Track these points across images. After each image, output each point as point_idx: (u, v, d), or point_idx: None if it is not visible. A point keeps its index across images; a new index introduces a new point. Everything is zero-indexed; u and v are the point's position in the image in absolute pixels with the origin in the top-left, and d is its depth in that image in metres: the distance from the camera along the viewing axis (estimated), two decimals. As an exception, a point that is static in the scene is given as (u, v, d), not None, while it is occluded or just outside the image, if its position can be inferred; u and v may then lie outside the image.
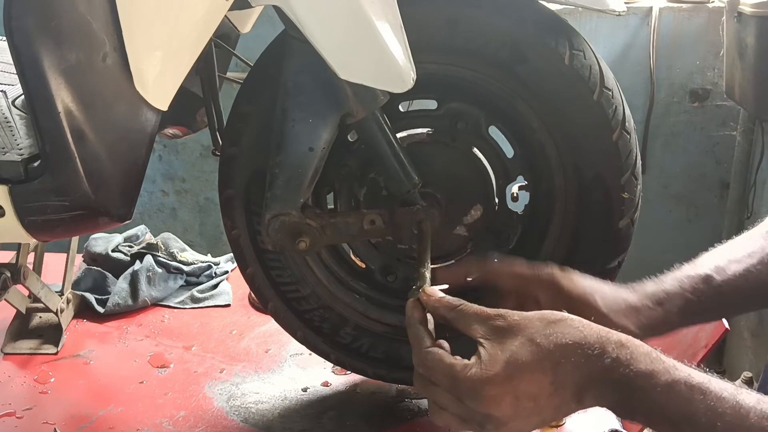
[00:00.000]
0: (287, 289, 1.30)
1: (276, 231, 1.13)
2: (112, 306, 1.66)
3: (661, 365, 0.86)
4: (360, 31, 0.97)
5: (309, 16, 0.97)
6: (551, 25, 1.13)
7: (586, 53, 1.14)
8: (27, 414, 1.35)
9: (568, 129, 1.16)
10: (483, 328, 0.89)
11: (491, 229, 1.26)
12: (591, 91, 1.13)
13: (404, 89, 1.02)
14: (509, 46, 1.12)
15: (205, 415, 1.34)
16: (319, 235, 1.15)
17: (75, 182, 0.97)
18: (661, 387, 0.86)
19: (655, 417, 0.88)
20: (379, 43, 0.98)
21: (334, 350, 1.34)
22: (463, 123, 1.19)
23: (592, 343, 0.87)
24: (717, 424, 0.84)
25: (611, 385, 0.87)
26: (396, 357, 1.32)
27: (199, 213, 3.44)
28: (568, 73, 1.13)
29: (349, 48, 0.98)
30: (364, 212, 1.17)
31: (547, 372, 0.86)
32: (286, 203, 1.12)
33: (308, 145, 1.09)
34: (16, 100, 1.14)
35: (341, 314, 1.31)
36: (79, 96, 0.94)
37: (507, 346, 0.87)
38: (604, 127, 1.15)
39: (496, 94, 1.17)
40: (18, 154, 1.01)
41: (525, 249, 1.27)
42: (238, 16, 1.22)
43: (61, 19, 0.91)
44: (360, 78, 1.01)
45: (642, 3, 2.95)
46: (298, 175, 1.11)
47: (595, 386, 0.87)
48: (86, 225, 1.03)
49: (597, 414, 1.33)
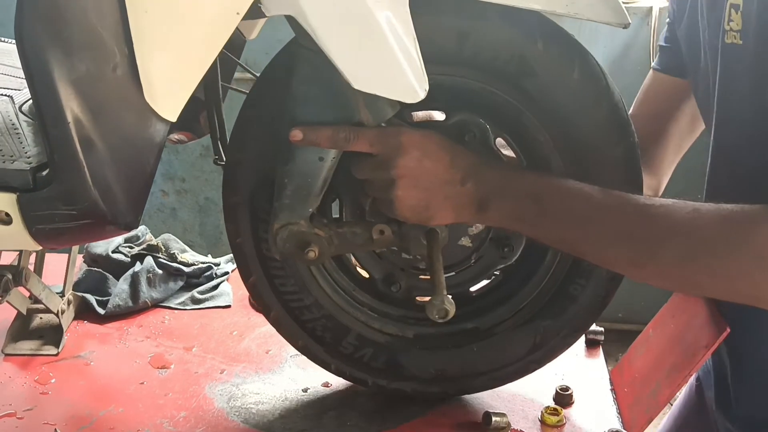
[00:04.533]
0: (290, 298, 1.29)
1: (284, 240, 1.13)
2: (112, 307, 1.66)
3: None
4: (374, 41, 0.98)
5: (324, 26, 0.96)
6: (559, 40, 1.13)
7: (593, 68, 1.13)
8: (27, 414, 1.35)
9: (574, 143, 1.16)
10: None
11: (496, 240, 1.26)
12: (598, 106, 1.13)
13: (417, 100, 1.02)
14: (517, 60, 1.11)
15: (205, 416, 1.35)
16: (328, 245, 1.15)
17: (83, 191, 0.97)
18: (566, 190, 1.06)
19: (560, 222, 1.05)
20: (393, 54, 0.98)
21: (335, 360, 1.34)
22: (471, 134, 1.19)
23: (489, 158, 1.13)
24: (622, 223, 1.02)
25: (511, 193, 1.07)
26: (396, 366, 1.32)
27: (199, 213, 3.43)
28: (575, 88, 1.12)
29: (364, 58, 0.98)
30: (372, 222, 1.17)
31: (448, 152, 1.07)
32: (294, 213, 1.12)
33: (318, 154, 1.10)
34: (23, 106, 1.14)
35: (344, 324, 1.31)
36: (88, 106, 0.94)
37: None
38: (611, 142, 1.15)
39: (504, 107, 1.17)
40: (26, 162, 1.01)
41: (529, 260, 1.27)
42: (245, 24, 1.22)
43: (72, 30, 0.91)
44: (374, 88, 1.01)
45: (642, 3, 2.95)
46: (308, 184, 1.11)
47: (497, 196, 1.07)
48: (93, 233, 1.04)
49: (597, 414, 1.34)
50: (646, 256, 1.01)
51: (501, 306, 1.31)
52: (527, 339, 1.29)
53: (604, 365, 1.50)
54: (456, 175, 1.07)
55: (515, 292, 1.30)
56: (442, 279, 1.11)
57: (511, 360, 1.31)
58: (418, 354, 1.32)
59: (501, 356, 1.31)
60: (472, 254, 1.28)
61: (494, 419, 1.28)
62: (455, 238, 1.24)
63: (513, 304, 1.30)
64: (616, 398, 1.38)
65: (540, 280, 1.27)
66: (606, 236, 1.03)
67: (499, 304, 1.31)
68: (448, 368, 1.32)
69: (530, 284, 1.28)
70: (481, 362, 1.31)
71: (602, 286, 1.24)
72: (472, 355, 1.31)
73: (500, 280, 1.34)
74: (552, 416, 1.31)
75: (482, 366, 1.32)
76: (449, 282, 1.28)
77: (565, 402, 1.36)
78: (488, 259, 1.28)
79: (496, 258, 1.28)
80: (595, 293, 1.25)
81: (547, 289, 1.27)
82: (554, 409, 1.33)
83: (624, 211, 1.03)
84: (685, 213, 0.99)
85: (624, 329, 2.76)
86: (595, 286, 1.24)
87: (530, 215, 1.06)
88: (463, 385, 1.35)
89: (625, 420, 1.32)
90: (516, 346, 1.30)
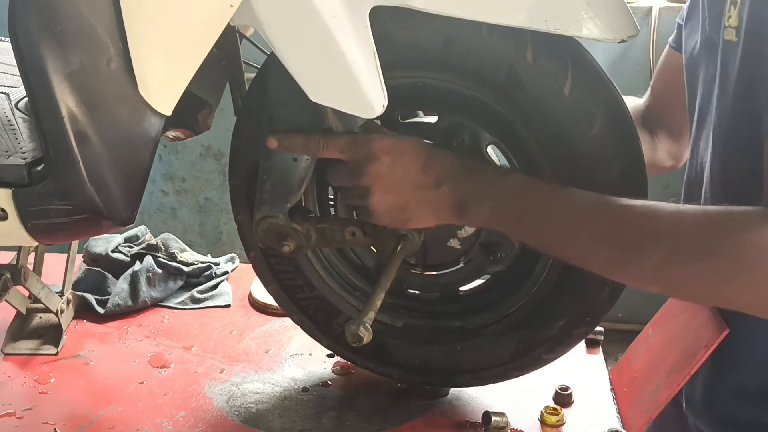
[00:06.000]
0: (285, 277, 1.33)
1: (264, 231, 1.17)
2: (112, 306, 1.66)
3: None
4: (330, 56, 0.98)
5: (281, 39, 0.98)
6: (551, 48, 1.06)
7: (589, 78, 1.07)
8: (27, 414, 1.35)
9: (566, 157, 1.11)
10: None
11: (485, 245, 1.25)
12: (590, 125, 1.07)
13: (373, 116, 1.02)
14: (506, 70, 1.07)
15: (205, 415, 1.35)
16: (305, 239, 1.18)
17: (78, 186, 0.97)
18: (547, 191, 1.05)
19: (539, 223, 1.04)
20: (349, 69, 0.98)
21: (326, 337, 1.38)
22: (462, 138, 1.17)
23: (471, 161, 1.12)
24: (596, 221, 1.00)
25: (491, 195, 1.06)
26: (384, 352, 1.35)
27: (199, 213, 3.44)
28: (567, 102, 1.07)
29: (319, 72, 0.99)
30: (347, 222, 1.20)
31: (422, 156, 1.07)
32: (274, 207, 1.15)
33: (292, 156, 1.12)
34: (19, 103, 1.14)
35: (335, 306, 1.34)
36: (82, 100, 0.94)
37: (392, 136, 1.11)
38: (606, 161, 1.09)
39: (496, 114, 1.14)
40: (21, 157, 1.01)
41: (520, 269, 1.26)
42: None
43: (65, 23, 0.91)
44: (329, 101, 1.02)
45: (642, 3, 2.95)
46: (284, 182, 1.14)
47: (474, 199, 1.06)
48: (89, 228, 1.04)
49: (597, 414, 1.34)
50: (627, 258, 0.99)
51: (488, 309, 1.30)
52: (510, 346, 1.28)
53: (604, 365, 1.49)
54: (429, 179, 1.07)
55: (504, 298, 1.29)
56: (376, 303, 1.12)
57: (494, 364, 1.30)
58: (404, 343, 1.34)
59: (484, 358, 1.31)
60: (461, 256, 1.28)
61: (494, 419, 1.28)
62: (444, 239, 1.25)
63: (500, 310, 1.29)
64: (615, 398, 1.38)
65: (528, 291, 1.25)
66: (586, 238, 1.01)
67: (487, 307, 1.31)
68: (431, 361, 1.33)
69: (519, 293, 1.27)
70: (464, 360, 1.32)
71: (599, 290, 1.20)
72: (455, 352, 1.32)
73: (490, 283, 1.34)
74: (552, 416, 1.31)
75: (465, 364, 1.32)
76: (437, 280, 1.31)
77: (564, 402, 1.35)
78: (477, 262, 1.28)
79: (485, 262, 1.27)
80: (582, 312, 1.22)
81: (534, 300, 1.25)
82: (554, 408, 1.32)
83: (604, 212, 1.00)
84: (667, 213, 0.96)
85: (624, 329, 2.74)
86: (582, 305, 1.21)
87: (510, 217, 1.05)
88: (447, 380, 1.37)
89: (624, 420, 1.31)
90: (499, 351, 1.29)
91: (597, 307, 1.21)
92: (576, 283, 1.19)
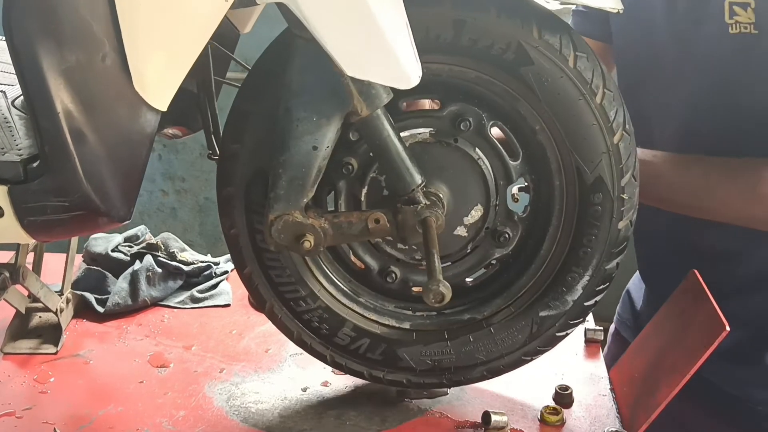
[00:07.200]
0: (286, 290, 1.29)
1: (279, 231, 1.14)
2: (111, 306, 1.66)
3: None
4: (366, 27, 0.98)
5: (316, 14, 0.97)
6: (555, 27, 1.13)
7: (589, 56, 1.14)
8: (26, 414, 1.35)
9: (570, 131, 1.17)
10: None
11: (491, 229, 1.26)
12: (594, 93, 1.14)
13: (410, 86, 1.03)
14: (515, 48, 1.12)
15: (204, 415, 1.34)
16: (323, 235, 1.16)
17: (74, 182, 0.97)
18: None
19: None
20: (386, 40, 0.99)
21: (331, 351, 1.34)
22: (465, 123, 1.19)
23: None
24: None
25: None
26: (393, 357, 1.32)
27: (199, 213, 3.44)
28: (572, 75, 1.13)
29: (356, 45, 0.99)
30: (367, 211, 1.18)
31: None
32: (289, 203, 1.13)
33: (312, 144, 1.10)
34: (15, 101, 1.14)
35: (340, 315, 1.31)
36: (78, 96, 0.94)
37: None
38: (606, 130, 1.16)
39: (500, 95, 1.17)
40: (17, 154, 1.01)
41: (524, 250, 1.27)
42: (238, 16, 1.22)
43: (60, 20, 0.91)
44: (367, 75, 1.02)
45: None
46: (302, 174, 1.12)
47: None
48: (86, 225, 1.04)
49: (597, 414, 1.33)
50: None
51: (498, 296, 1.30)
52: (524, 329, 1.28)
53: (603, 365, 1.48)
54: None
55: (512, 281, 1.29)
56: (438, 264, 1.10)
57: (509, 350, 1.30)
58: (414, 345, 1.32)
59: (497, 347, 1.30)
60: (468, 243, 1.27)
61: (494, 418, 1.27)
62: (451, 228, 1.24)
63: (509, 294, 1.29)
64: (615, 398, 1.37)
65: (537, 269, 1.26)
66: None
67: (497, 293, 1.31)
68: (444, 359, 1.32)
69: (527, 273, 1.27)
70: (478, 352, 1.31)
71: (600, 275, 1.24)
72: (468, 345, 1.30)
73: (497, 270, 1.33)
74: (552, 416, 1.31)
75: (480, 356, 1.31)
76: (445, 273, 1.27)
77: (564, 402, 1.35)
78: (484, 248, 1.28)
79: (491, 247, 1.27)
80: (592, 282, 1.25)
81: (544, 277, 1.26)
82: (554, 408, 1.32)
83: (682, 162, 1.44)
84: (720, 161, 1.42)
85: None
86: (592, 275, 1.24)
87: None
88: (461, 376, 1.34)
89: (624, 420, 1.31)
90: (513, 337, 1.29)
91: (607, 276, 1.24)
92: (584, 253, 1.23)
